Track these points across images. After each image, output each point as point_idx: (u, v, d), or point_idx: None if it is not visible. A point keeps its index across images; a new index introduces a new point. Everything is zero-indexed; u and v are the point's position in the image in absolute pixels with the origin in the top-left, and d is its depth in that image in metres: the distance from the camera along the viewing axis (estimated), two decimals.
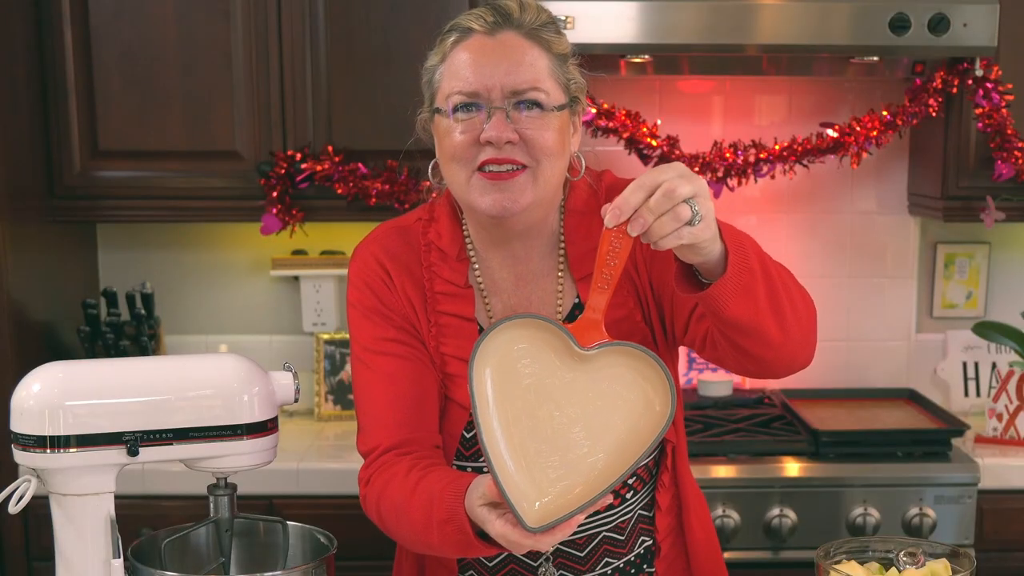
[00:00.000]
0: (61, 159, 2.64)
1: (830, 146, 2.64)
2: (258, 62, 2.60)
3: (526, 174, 1.42)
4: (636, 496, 1.56)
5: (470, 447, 1.50)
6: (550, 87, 1.43)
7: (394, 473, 1.43)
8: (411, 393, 1.49)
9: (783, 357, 1.38)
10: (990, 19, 2.41)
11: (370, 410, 1.51)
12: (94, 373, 1.35)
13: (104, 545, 1.33)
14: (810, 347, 1.41)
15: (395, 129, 2.60)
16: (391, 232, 1.57)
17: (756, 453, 2.50)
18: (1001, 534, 2.51)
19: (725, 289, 1.26)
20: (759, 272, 1.29)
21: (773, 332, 1.33)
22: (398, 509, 1.41)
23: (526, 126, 1.41)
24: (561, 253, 1.54)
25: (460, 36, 1.45)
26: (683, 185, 1.19)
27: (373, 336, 1.52)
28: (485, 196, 1.42)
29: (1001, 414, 2.65)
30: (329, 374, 2.91)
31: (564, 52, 1.47)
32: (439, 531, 1.33)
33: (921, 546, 1.39)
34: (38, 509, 1.57)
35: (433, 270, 1.53)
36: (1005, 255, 3.00)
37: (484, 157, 1.41)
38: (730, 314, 1.28)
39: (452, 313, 1.52)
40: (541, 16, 1.45)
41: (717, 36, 2.43)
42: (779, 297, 1.32)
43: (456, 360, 1.50)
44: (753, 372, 1.43)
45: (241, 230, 2.94)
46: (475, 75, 1.41)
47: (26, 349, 2.54)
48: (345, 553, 1.59)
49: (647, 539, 1.59)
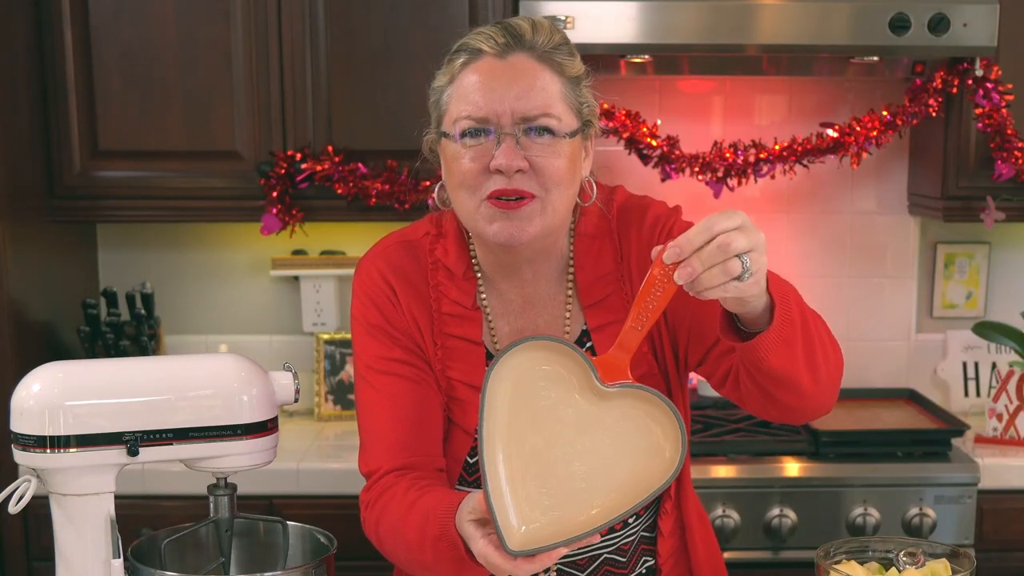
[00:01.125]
0: (61, 159, 2.64)
1: (830, 146, 2.64)
2: (258, 62, 2.60)
3: (535, 203, 1.38)
4: (639, 520, 1.55)
5: (473, 472, 1.48)
6: (562, 112, 1.38)
7: (392, 495, 1.42)
8: (414, 415, 1.46)
9: (811, 406, 1.37)
10: (990, 19, 2.41)
11: (372, 430, 1.49)
12: (94, 373, 1.35)
13: (104, 545, 1.33)
14: (834, 396, 1.40)
15: (395, 129, 2.62)
16: (398, 247, 1.54)
17: (756, 453, 2.50)
18: (1001, 534, 2.51)
19: (767, 341, 1.25)
20: (799, 324, 1.28)
21: (807, 383, 1.31)
22: (395, 528, 1.39)
23: (536, 153, 1.36)
24: (570, 278, 1.51)
25: (470, 57, 1.40)
26: (739, 239, 1.16)
27: (377, 355, 1.49)
28: (493, 224, 1.38)
29: (1001, 414, 2.65)
30: (329, 374, 2.91)
31: (577, 75, 1.42)
32: (433, 548, 1.32)
33: (921, 546, 1.39)
34: (38, 509, 1.57)
35: (440, 290, 1.50)
36: (1005, 255, 3.00)
37: (493, 188, 1.37)
38: (769, 365, 1.27)
39: (460, 336, 1.49)
40: (554, 38, 1.40)
41: (717, 36, 2.43)
42: (814, 348, 1.31)
43: (463, 385, 1.48)
44: (775, 417, 1.41)
45: (241, 230, 2.94)
46: (485, 99, 1.36)
47: (26, 349, 2.54)
48: (345, 553, 1.60)
49: (649, 559, 1.57)
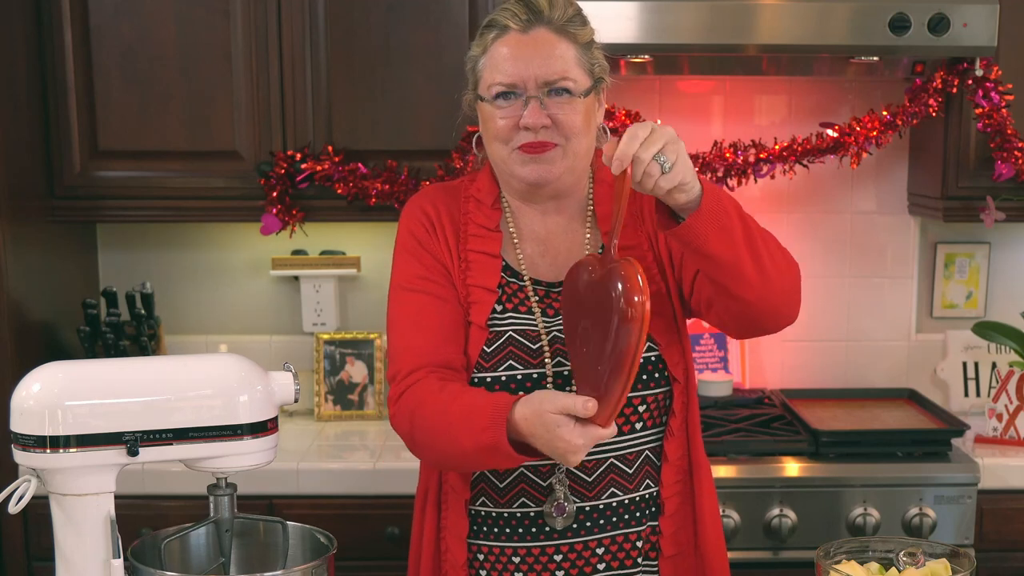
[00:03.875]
0: (61, 159, 2.64)
1: (830, 146, 2.64)
2: (258, 62, 2.60)
3: (557, 149, 1.64)
4: (644, 429, 1.68)
5: (489, 359, 1.66)
6: (577, 75, 1.63)
7: (425, 388, 1.61)
8: (437, 324, 1.67)
9: (765, 301, 1.57)
10: (990, 19, 2.41)
11: (400, 340, 1.69)
12: (94, 373, 1.35)
13: (104, 545, 1.33)
14: (794, 301, 1.63)
15: (395, 129, 2.62)
16: (438, 188, 1.80)
17: (756, 453, 2.50)
18: (1001, 534, 2.51)
19: (701, 222, 1.48)
20: (734, 215, 1.51)
21: (750, 271, 1.53)
22: (435, 416, 1.57)
23: (557, 110, 1.62)
24: (590, 212, 1.75)
25: (499, 32, 1.65)
26: (649, 147, 1.43)
27: (409, 274, 1.71)
28: (525, 167, 1.65)
29: (1001, 414, 2.65)
30: (329, 374, 2.91)
31: (589, 40, 1.68)
32: (476, 439, 1.51)
33: (921, 546, 1.39)
34: (38, 509, 1.57)
35: (469, 216, 1.74)
36: (1005, 255, 3.00)
37: (522, 141, 1.63)
38: (710, 249, 1.49)
39: (479, 251, 1.71)
40: (568, 11, 1.66)
41: (717, 36, 2.43)
42: (755, 241, 1.54)
43: (479, 288, 1.69)
44: (746, 324, 1.63)
45: (241, 230, 2.94)
46: (513, 68, 1.62)
47: (26, 349, 2.54)
48: (345, 553, 1.60)
49: (652, 485, 1.70)
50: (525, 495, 1.66)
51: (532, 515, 1.66)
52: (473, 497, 1.69)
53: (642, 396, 1.66)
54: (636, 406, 1.66)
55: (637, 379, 1.64)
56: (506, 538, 1.68)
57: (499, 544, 1.68)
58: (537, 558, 1.67)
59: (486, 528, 1.69)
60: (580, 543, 1.66)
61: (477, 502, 1.69)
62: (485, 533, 1.69)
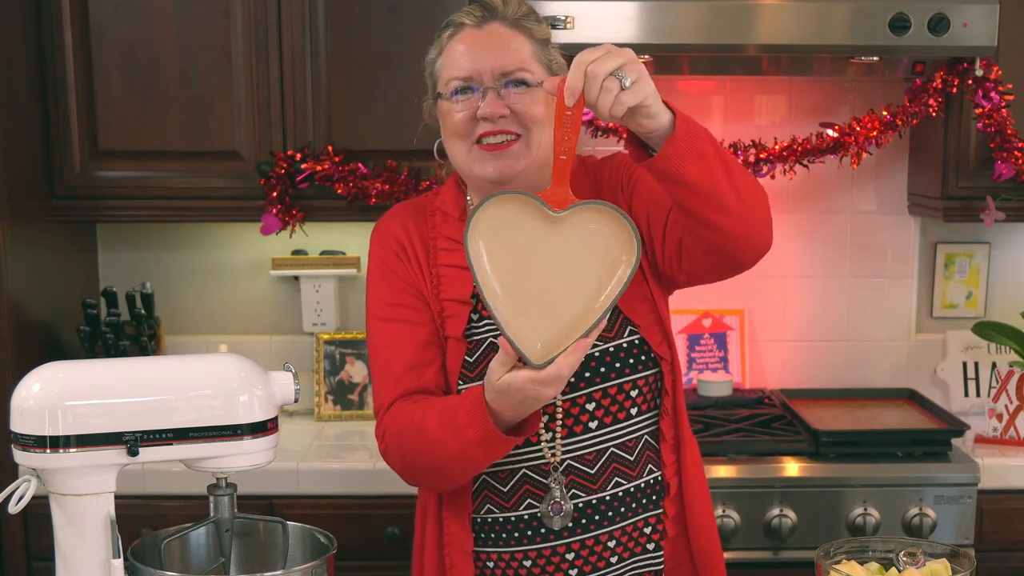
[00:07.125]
0: (61, 159, 2.64)
1: (830, 146, 2.64)
2: (258, 62, 2.60)
3: (520, 143, 1.62)
4: (640, 413, 1.68)
5: (473, 369, 1.65)
6: (535, 68, 1.62)
7: (404, 414, 1.60)
8: (413, 349, 1.66)
9: (742, 228, 1.50)
10: (990, 19, 2.41)
11: (378, 368, 1.69)
12: (94, 373, 1.35)
13: (104, 545, 1.33)
14: (768, 227, 1.55)
15: (395, 129, 2.62)
16: (404, 207, 1.79)
17: (756, 453, 2.50)
18: (1001, 534, 2.51)
19: (677, 149, 1.42)
20: (708, 141, 1.45)
21: (728, 196, 1.47)
22: (415, 434, 1.57)
23: (515, 101, 1.60)
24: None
25: (454, 30, 1.66)
26: (605, 63, 1.36)
27: (381, 302, 1.71)
28: (486, 165, 1.62)
29: (1001, 414, 2.65)
30: (329, 374, 2.91)
31: (545, 37, 1.67)
32: (459, 436, 1.51)
33: (921, 546, 1.39)
34: (38, 509, 1.57)
35: (437, 230, 1.72)
36: (1005, 255, 3.00)
37: (481, 131, 1.61)
38: (687, 176, 1.43)
39: (450, 264, 1.69)
40: (522, 8, 1.66)
41: (717, 36, 2.43)
42: (730, 166, 1.48)
43: (452, 302, 1.67)
44: (722, 260, 1.55)
45: (241, 230, 2.94)
46: (469, 62, 1.61)
47: (26, 349, 2.54)
48: (345, 553, 1.60)
49: (655, 470, 1.70)
50: (530, 496, 1.65)
51: (539, 516, 1.66)
52: (477, 507, 1.68)
53: (632, 381, 1.65)
54: (628, 392, 1.65)
55: (624, 364, 1.64)
56: (515, 543, 1.67)
57: (508, 550, 1.67)
58: (548, 559, 1.66)
59: (493, 535, 1.68)
60: (591, 538, 1.65)
61: (482, 510, 1.68)
62: (493, 540, 1.68)
